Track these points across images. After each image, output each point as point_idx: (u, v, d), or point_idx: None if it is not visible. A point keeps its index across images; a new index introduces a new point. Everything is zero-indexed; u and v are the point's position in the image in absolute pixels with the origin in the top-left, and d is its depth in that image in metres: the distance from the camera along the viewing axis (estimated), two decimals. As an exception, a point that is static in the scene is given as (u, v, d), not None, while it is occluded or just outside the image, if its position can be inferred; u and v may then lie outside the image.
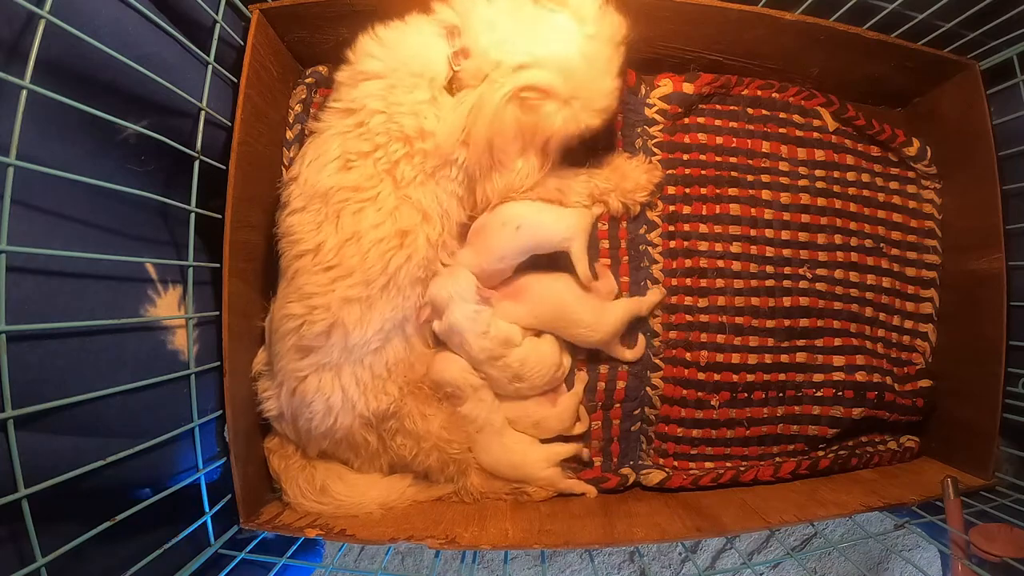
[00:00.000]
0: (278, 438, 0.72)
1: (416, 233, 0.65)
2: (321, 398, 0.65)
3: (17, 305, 0.44)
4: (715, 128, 0.83)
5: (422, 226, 0.66)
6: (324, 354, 0.65)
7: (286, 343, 0.65)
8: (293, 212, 0.65)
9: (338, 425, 0.67)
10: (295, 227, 0.65)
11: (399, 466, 0.74)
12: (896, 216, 0.86)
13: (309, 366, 0.65)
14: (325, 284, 0.63)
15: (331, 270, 0.63)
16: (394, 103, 0.64)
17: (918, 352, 0.86)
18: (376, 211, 0.63)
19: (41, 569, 0.44)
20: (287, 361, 0.65)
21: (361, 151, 0.63)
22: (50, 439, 0.49)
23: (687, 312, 0.80)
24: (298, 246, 0.64)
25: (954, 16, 0.74)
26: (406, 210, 0.64)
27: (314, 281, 0.63)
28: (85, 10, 0.49)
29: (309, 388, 0.65)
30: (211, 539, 0.64)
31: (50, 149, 0.49)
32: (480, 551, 0.67)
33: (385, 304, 0.65)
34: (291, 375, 0.66)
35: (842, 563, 1.29)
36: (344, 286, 0.63)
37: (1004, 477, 0.76)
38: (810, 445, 0.82)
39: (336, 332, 0.63)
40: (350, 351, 0.65)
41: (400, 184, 0.64)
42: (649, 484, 0.78)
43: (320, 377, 0.65)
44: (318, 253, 0.63)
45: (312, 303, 0.63)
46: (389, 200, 0.64)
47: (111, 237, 0.57)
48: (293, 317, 0.64)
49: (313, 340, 0.64)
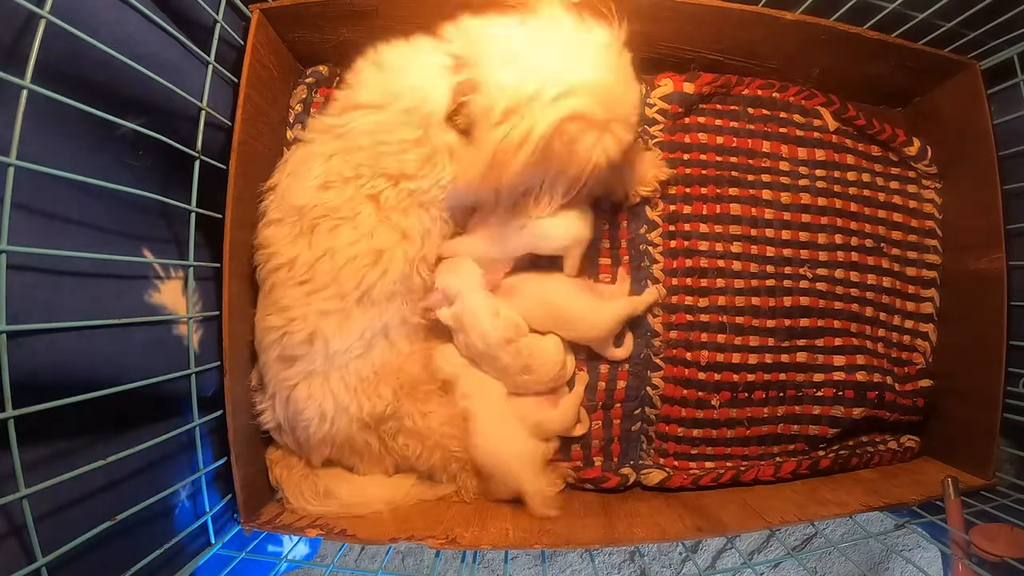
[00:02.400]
0: (280, 450, 0.72)
1: (393, 251, 0.64)
2: (313, 404, 0.66)
3: (20, 298, 0.44)
4: (715, 128, 0.83)
5: (400, 244, 0.65)
6: (309, 361, 0.65)
7: (271, 354, 0.65)
8: (269, 224, 0.65)
9: (335, 429, 0.67)
10: (271, 239, 0.65)
11: (403, 467, 0.74)
12: (896, 216, 0.86)
13: (297, 374, 0.65)
14: (300, 297, 0.63)
15: (305, 284, 0.63)
16: (380, 141, 0.63)
17: (918, 352, 0.86)
18: (352, 230, 0.63)
19: (41, 569, 0.44)
20: (275, 371, 0.66)
21: (344, 176, 0.63)
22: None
23: (687, 312, 0.80)
24: (274, 259, 0.64)
25: (954, 16, 0.74)
26: (384, 230, 0.64)
27: (290, 294, 0.64)
28: (85, 10, 0.49)
29: (300, 396, 0.66)
30: (211, 539, 0.64)
31: (49, 144, 0.49)
32: (481, 551, 0.67)
33: (362, 315, 0.65)
34: (281, 384, 0.66)
35: (842, 563, 1.29)
36: (319, 299, 0.63)
37: (1005, 477, 0.76)
38: (810, 445, 0.82)
39: (317, 340, 0.64)
40: (333, 358, 0.65)
41: (383, 207, 0.63)
42: (649, 484, 0.78)
43: (310, 383, 0.66)
44: (292, 267, 0.63)
45: (290, 315, 0.63)
46: (368, 221, 0.63)
47: (112, 231, 0.57)
48: (274, 329, 0.64)
49: (296, 349, 0.64)
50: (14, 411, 0.43)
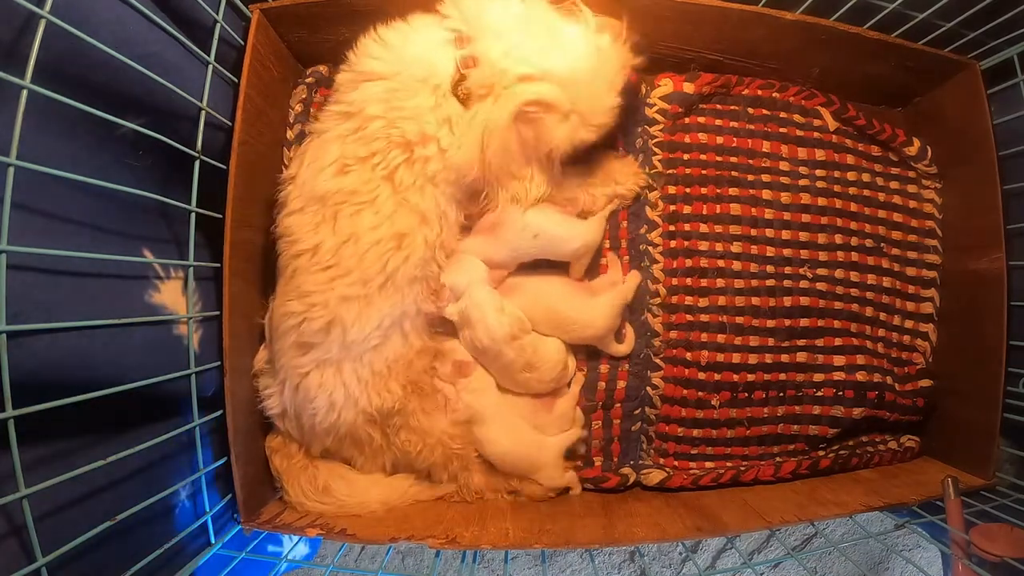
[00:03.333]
0: (280, 437, 0.72)
1: (414, 235, 0.65)
2: (324, 394, 0.66)
3: (20, 298, 0.44)
4: (715, 128, 0.83)
5: (420, 228, 0.66)
6: (324, 350, 0.65)
7: (287, 340, 0.65)
8: (291, 213, 0.65)
9: (341, 420, 0.67)
10: (293, 228, 0.65)
11: (402, 464, 0.73)
12: (896, 216, 0.86)
13: (311, 362, 0.65)
14: (323, 283, 0.63)
15: (329, 269, 0.63)
16: (395, 107, 0.63)
17: (918, 352, 0.86)
18: (374, 214, 0.63)
19: (41, 569, 0.44)
20: (288, 358, 0.66)
21: (358, 156, 0.63)
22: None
23: (687, 312, 0.80)
24: (296, 246, 0.64)
25: (954, 16, 0.74)
26: (404, 213, 0.64)
27: (312, 280, 0.63)
28: (85, 10, 0.49)
29: (312, 384, 0.65)
30: (211, 539, 0.64)
31: (49, 144, 0.49)
32: (480, 551, 0.67)
33: (383, 301, 0.65)
34: (293, 372, 0.66)
35: (842, 563, 1.30)
36: (342, 285, 0.63)
37: (1005, 477, 0.76)
38: (810, 445, 0.82)
39: (335, 329, 0.64)
40: (349, 348, 0.65)
41: (399, 189, 0.64)
42: (649, 484, 0.78)
43: (322, 373, 0.66)
44: (316, 253, 0.63)
45: (311, 300, 0.63)
46: (387, 204, 0.64)
47: (112, 231, 0.57)
48: (293, 315, 0.64)
49: (313, 336, 0.64)
50: (14, 411, 0.43)
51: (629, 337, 0.78)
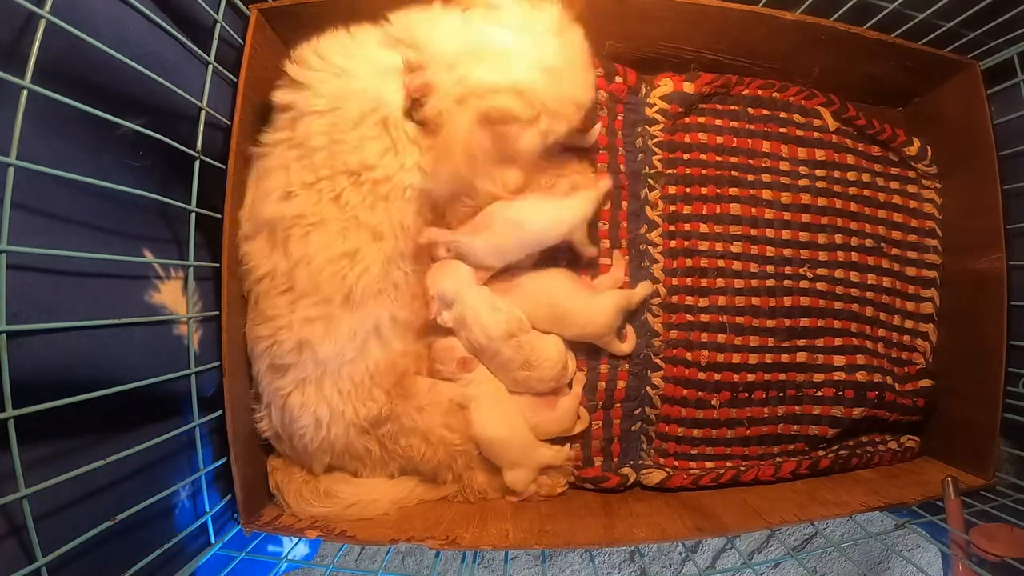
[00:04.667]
0: (282, 458, 0.72)
1: (367, 250, 0.64)
2: (308, 412, 0.66)
3: (20, 298, 0.44)
4: (716, 128, 0.83)
5: (373, 243, 0.65)
6: (300, 370, 0.65)
7: (263, 363, 0.66)
8: (246, 239, 0.66)
9: (332, 436, 0.67)
10: (249, 255, 0.65)
11: (408, 470, 0.74)
12: (896, 216, 0.86)
13: (290, 383, 0.66)
14: (284, 306, 0.64)
15: (287, 292, 0.64)
16: (337, 140, 0.63)
17: (918, 352, 0.86)
18: (323, 234, 0.63)
19: (41, 569, 0.44)
20: (268, 381, 0.67)
21: (305, 182, 0.63)
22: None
23: (687, 312, 0.80)
24: (255, 272, 0.65)
25: (954, 16, 0.74)
26: (354, 230, 0.64)
27: (273, 304, 0.64)
28: (85, 10, 0.49)
29: (294, 403, 0.66)
30: (211, 539, 0.64)
31: (49, 144, 0.49)
32: (481, 551, 0.67)
33: (349, 316, 0.65)
34: (275, 394, 0.67)
35: (842, 563, 1.30)
36: (303, 306, 0.64)
37: (1005, 477, 0.76)
38: (810, 445, 0.82)
39: (305, 349, 0.64)
40: (324, 364, 0.65)
41: (346, 208, 0.63)
42: (649, 484, 0.78)
43: (303, 392, 0.66)
44: (274, 277, 0.64)
45: (276, 324, 0.64)
46: (335, 224, 0.63)
47: (112, 231, 0.57)
48: (263, 339, 0.65)
49: (285, 358, 0.65)
50: (14, 411, 0.43)
51: (630, 337, 0.78)
